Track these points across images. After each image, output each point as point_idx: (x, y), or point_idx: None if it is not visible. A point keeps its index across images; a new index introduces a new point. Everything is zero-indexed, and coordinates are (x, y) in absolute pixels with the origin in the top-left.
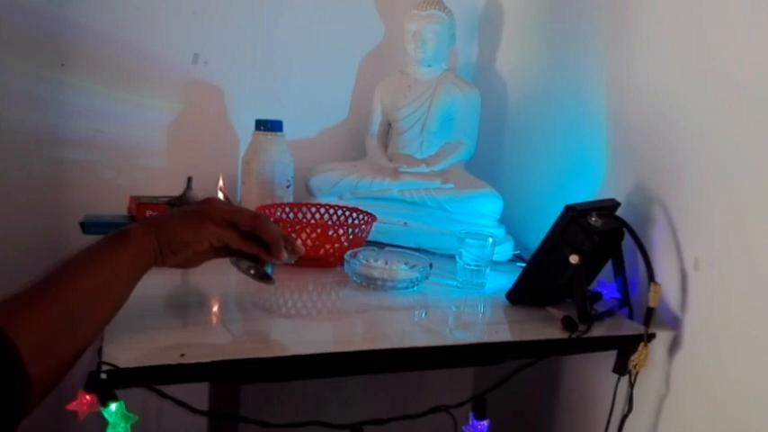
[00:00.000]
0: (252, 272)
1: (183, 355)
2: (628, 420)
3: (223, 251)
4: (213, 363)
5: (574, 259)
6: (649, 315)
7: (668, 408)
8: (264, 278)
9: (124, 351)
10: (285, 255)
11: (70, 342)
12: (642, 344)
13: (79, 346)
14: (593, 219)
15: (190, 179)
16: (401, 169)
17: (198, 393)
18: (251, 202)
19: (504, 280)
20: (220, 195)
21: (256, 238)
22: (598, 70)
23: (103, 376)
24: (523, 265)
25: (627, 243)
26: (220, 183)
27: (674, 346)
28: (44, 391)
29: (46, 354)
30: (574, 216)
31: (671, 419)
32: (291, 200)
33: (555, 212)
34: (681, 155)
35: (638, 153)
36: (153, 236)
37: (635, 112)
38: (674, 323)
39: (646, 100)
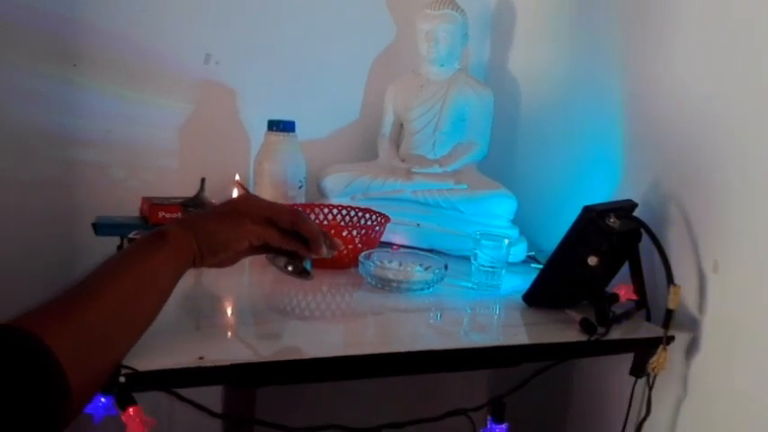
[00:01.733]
0: (290, 268)
1: (201, 358)
2: (645, 423)
3: (260, 249)
4: (233, 366)
5: (592, 261)
6: (669, 317)
7: (685, 411)
8: (303, 274)
9: (142, 354)
10: (325, 250)
11: (110, 349)
12: (661, 346)
13: (119, 353)
14: (612, 220)
15: (203, 180)
16: (414, 170)
17: (212, 396)
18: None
19: (518, 281)
20: (234, 192)
21: (294, 234)
22: (614, 69)
23: (122, 379)
24: (538, 266)
25: (643, 244)
26: (237, 177)
27: (691, 348)
28: (84, 401)
29: (85, 362)
30: (592, 217)
31: (688, 423)
32: (304, 200)
33: (569, 213)
34: (700, 155)
35: (656, 153)
36: (191, 236)
37: (652, 112)
38: (692, 325)
39: (663, 99)
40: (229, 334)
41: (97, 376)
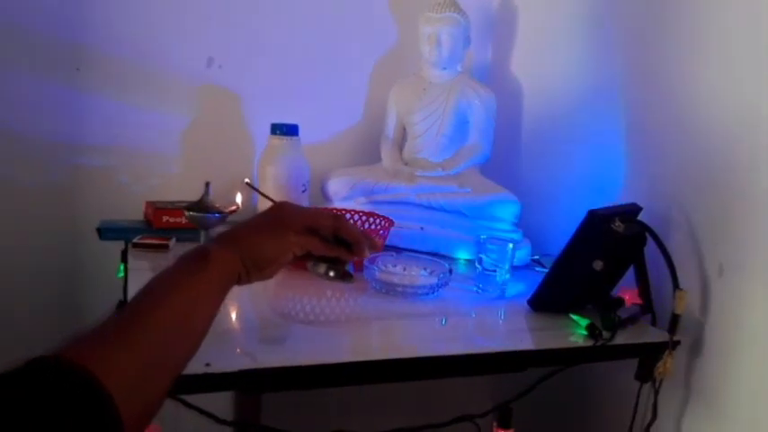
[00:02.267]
0: (331, 274)
1: (208, 365)
2: (651, 428)
3: (302, 257)
4: (239, 372)
5: (597, 265)
6: (675, 322)
7: (691, 415)
8: (345, 277)
9: None
10: (368, 252)
11: (160, 377)
12: (667, 351)
13: (169, 381)
14: (617, 224)
15: (208, 184)
16: (417, 173)
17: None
18: (267, 207)
19: (522, 285)
20: (238, 197)
21: (335, 238)
22: (619, 71)
23: None
24: (542, 270)
25: (648, 248)
26: (246, 180)
27: (697, 352)
28: None
29: (137, 392)
30: (597, 221)
31: (694, 427)
32: (307, 204)
33: (573, 216)
34: (704, 159)
35: (660, 156)
36: (235, 254)
37: (656, 115)
38: (697, 329)
39: (668, 104)
40: (235, 339)
41: (149, 406)
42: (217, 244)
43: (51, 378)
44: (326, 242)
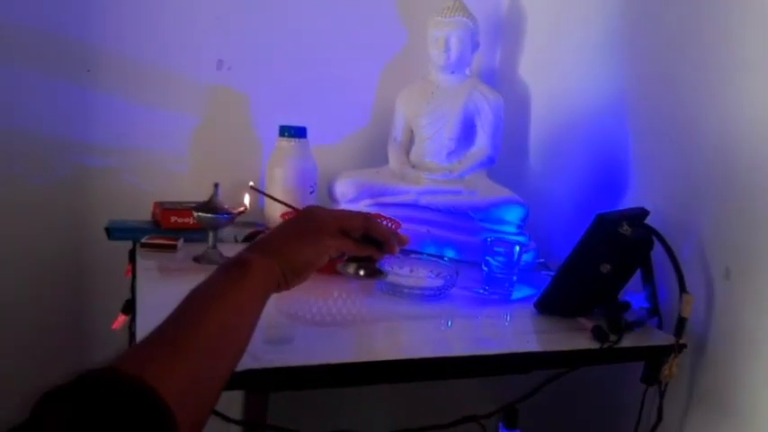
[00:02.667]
0: (362, 273)
1: None
2: (656, 431)
3: (332, 259)
4: (245, 372)
5: (605, 268)
6: (681, 325)
7: (697, 418)
8: (376, 274)
9: None
10: (398, 248)
11: (211, 385)
12: (673, 354)
13: (219, 388)
14: (625, 227)
15: (217, 185)
16: (424, 176)
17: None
18: (275, 208)
19: (528, 288)
20: (246, 198)
21: (364, 237)
22: (628, 77)
23: None
24: (549, 273)
25: (655, 252)
26: (251, 183)
27: (703, 356)
28: None
29: (191, 401)
30: (606, 225)
31: (698, 430)
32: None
33: (580, 220)
34: (712, 163)
35: (668, 161)
36: (274, 262)
37: (664, 120)
38: (704, 333)
39: (676, 108)
40: None
41: (202, 414)
42: (256, 253)
43: (109, 391)
44: (358, 243)
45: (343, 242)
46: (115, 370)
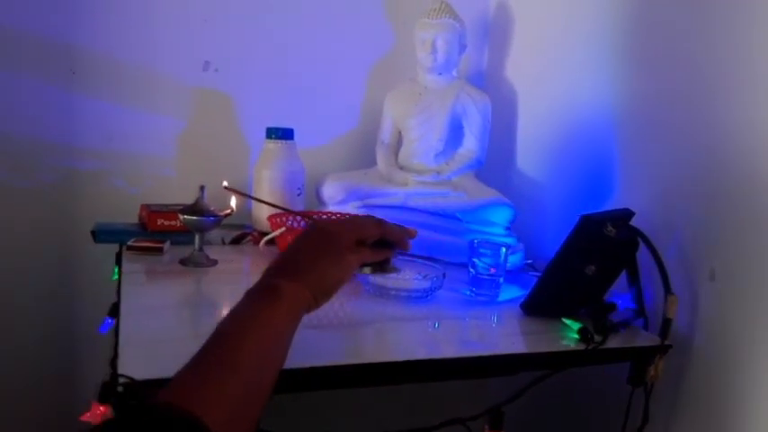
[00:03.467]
0: (379, 273)
1: None
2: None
3: None
4: None
5: (590, 270)
6: (666, 327)
7: (683, 419)
8: (389, 270)
9: (140, 363)
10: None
11: (252, 409)
12: (658, 355)
13: (260, 410)
14: (609, 229)
15: (203, 187)
16: (412, 177)
17: None
18: (262, 210)
19: (515, 289)
20: (233, 201)
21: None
22: (612, 77)
23: (120, 389)
24: (535, 274)
25: (641, 252)
26: (225, 183)
27: (689, 356)
28: None
29: (235, 426)
30: (590, 226)
31: (685, 431)
32: (302, 208)
33: (567, 221)
34: (697, 164)
35: (653, 161)
36: (303, 286)
37: (650, 123)
38: (689, 333)
39: (661, 110)
40: None
41: None
42: (283, 278)
43: (158, 422)
44: (375, 250)
45: (363, 254)
46: (162, 402)
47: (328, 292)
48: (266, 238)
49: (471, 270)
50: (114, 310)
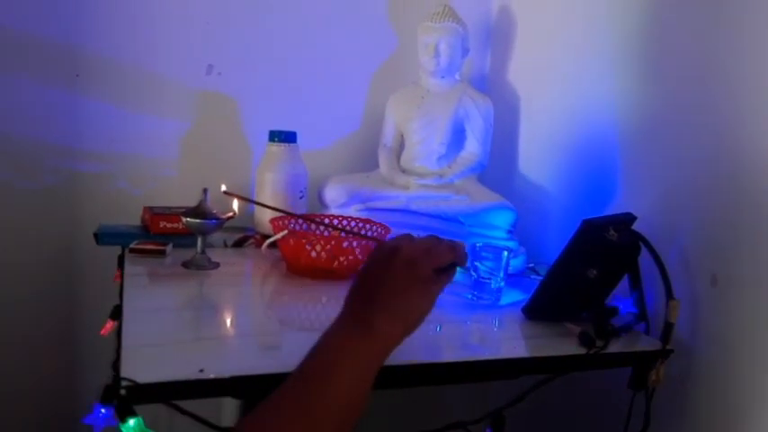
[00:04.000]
0: None
1: (202, 371)
2: None
3: None
4: (233, 378)
5: (592, 274)
6: (668, 331)
7: (684, 424)
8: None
9: (142, 366)
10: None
11: None
12: (660, 360)
13: None
14: (611, 233)
15: (205, 190)
16: (414, 181)
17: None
18: (264, 213)
19: (517, 293)
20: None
21: None
22: (615, 81)
23: (123, 392)
24: (537, 278)
25: (642, 257)
26: (223, 187)
27: (690, 361)
28: None
29: None
30: (592, 230)
31: None
32: (305, 211)
33: (569, 225)
34: (700, 169)
35: (655, 166)
36: (395, 321)
37: (653, 128)
38: (691, 338)
39: (664, 115)
40: (230, 345)
41: None
42: (377, 314)
43: None
44: (449, 274)
45: (441, 283)
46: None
47: (417, 326)
48: (268, 241)
49: (473, 274)
50: (116, 313)
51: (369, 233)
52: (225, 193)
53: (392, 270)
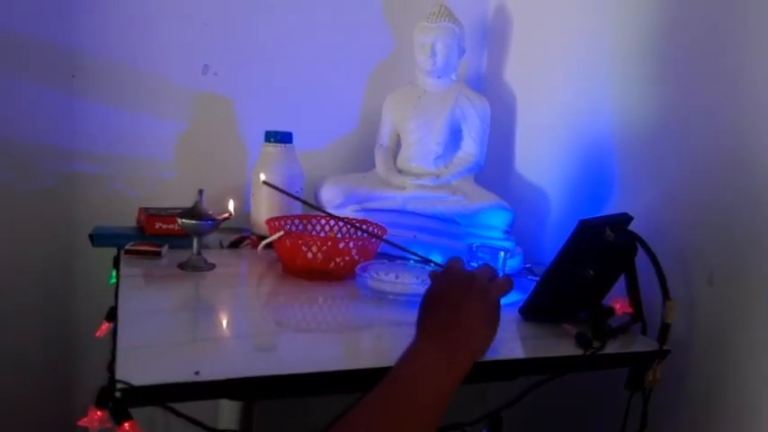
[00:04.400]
0: None
1: (197, 373)
2: None
3: None
4: (228, 380)
5: (588, 274)
6: (665, 331)
7: (681, 425)
8: None
9: (138, 368)
10: None
11: None
12: (657, 360)
13: None
14: (608, 233)
15: (201, 191)
16: (411, 181)
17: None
18: (260, 214)
19: (514, 294)
20: (231, 207)
21: None
22: (611, 81)
23: (118, 395)
24: (534, 278)
25: (639, 257)
26: (262, 176)
27: (687, 361)
28: None
29: None
30: (588, 231)
31: None
32: (301, 212)
33: (566, 225)
34: (695, 169)
35: (651, 166)
36: (475, 353)
37: (649, 128)
38: (688, 339)
39: (660, 116)
40: (226, 347)
41: None
42: (463, 347)
43: None
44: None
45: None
46: None
47: (485, 353)
48: (265, 242)
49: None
50: (112, 314)
51: (365, 234)
52: (264, 183)
53: (470, 297)
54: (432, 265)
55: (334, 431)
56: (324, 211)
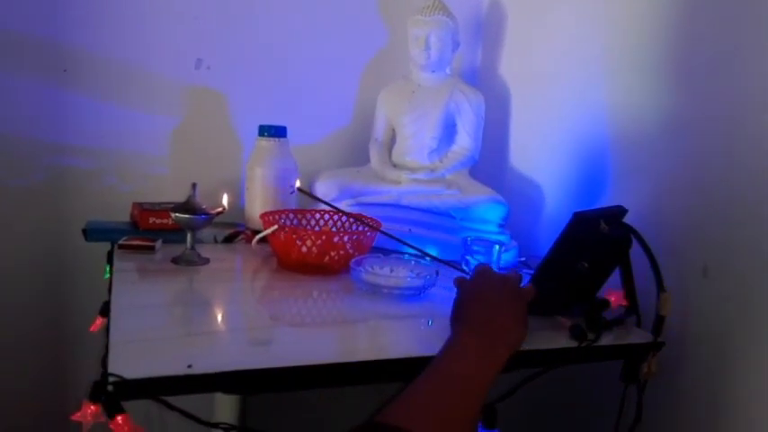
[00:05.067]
0: None
1: (190, 366)
2: (636, 430)
3: None
4: (221, 374)
5: (583, 267)
6: (659, 324)
7: (676, 417)
8: None
9: (130, 362)
10: None
11: None
12: (652, 353)
13: None
14: (602, 226)
15: (195, 185)
16: (405, 175)
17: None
18: (255, 208)
19: None
20: (225, 201)
21: None
22: (605, 73)
23: (110, 388)
24: (529, 271)
25: (634, 250)
26: (297, 183)
27: (682, 353)
28: None
29: None
30: (583, 223)
31: (678, 428)
32: (295, 206)
33: (560, 218)
34: (689, 161)
35: (646, 159)
36: (511, 349)
37: (643, 120)
38: (682, 331)
39: (653, 107)
40: (220, 340)
41: None
42: (503, 347)
43: None
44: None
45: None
46: (381, 423)
47: (518, 349)
48: (258, 237)
49: (464, 268)
50: (105, 309)
51: (359, 228)
52: (298, 189)
53: (506, 297)
54: (427, 258)
55: (377, 425)
56: (342, 212)
